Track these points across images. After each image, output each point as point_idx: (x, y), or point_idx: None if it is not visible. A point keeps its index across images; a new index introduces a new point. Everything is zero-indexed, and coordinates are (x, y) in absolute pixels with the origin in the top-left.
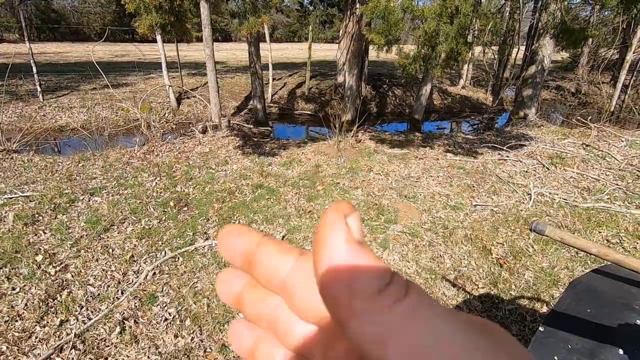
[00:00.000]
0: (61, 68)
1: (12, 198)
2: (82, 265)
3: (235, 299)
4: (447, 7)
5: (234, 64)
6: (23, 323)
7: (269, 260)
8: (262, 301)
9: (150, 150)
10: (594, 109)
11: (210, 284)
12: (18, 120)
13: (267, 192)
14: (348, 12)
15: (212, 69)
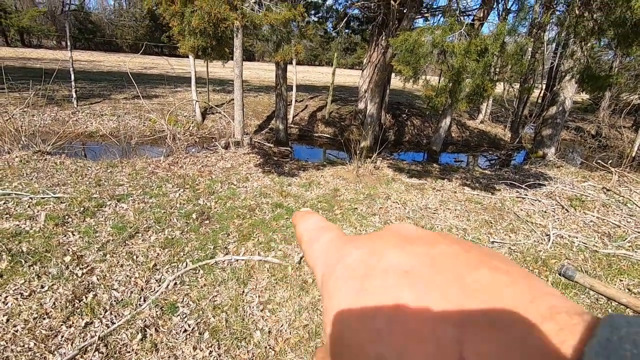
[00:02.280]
0: (94, 76)
1: (45, 198)
2: (108, 270)
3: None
4: (476, 45)
5: (257, 84)
6: (50, 321)
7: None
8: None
9: (174, 161)
10: (614, 153)
11: (229, 299)
12: (52, 123)
13: (287, 212)
14: (373, 43)
15: (240, 88)
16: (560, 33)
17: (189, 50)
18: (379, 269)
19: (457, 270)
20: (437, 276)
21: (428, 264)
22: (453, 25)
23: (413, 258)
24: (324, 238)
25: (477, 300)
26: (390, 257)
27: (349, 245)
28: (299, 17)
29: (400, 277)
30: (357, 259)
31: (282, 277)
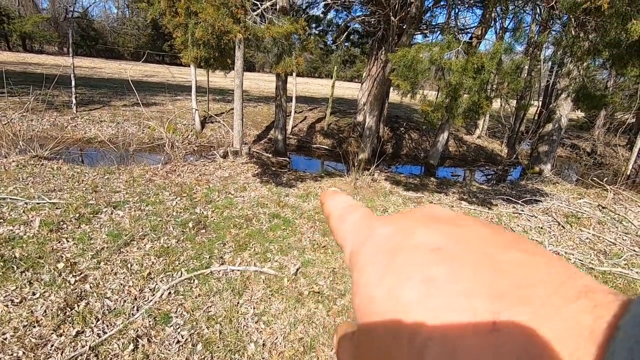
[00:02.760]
0: (94, 83)
1: (40, 204)
2: (101, 278)
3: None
4: (473, 62)
5: (257, 94)
6: (40, 330)
7: (324, 207)
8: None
9: (172, 169)
10: (609, 171)
11: (224, 310)
12: (51, 128)
13: (283, 223)
14: (373, 57)
15: (240, 98)
16: (556, 52)
17: (192, 60)
18: (409, 245)
19: (488, 249)
20: (468, 254)
21: (458, 242)
22: (451, 43)
23: (443, 236)
24: (353, 215)
25: (510, 278)
26: (420, 235)
27: (379, 223)
28: (301, 31)
29: (431, 254)
30: (387, 235)
31: (278, 289)
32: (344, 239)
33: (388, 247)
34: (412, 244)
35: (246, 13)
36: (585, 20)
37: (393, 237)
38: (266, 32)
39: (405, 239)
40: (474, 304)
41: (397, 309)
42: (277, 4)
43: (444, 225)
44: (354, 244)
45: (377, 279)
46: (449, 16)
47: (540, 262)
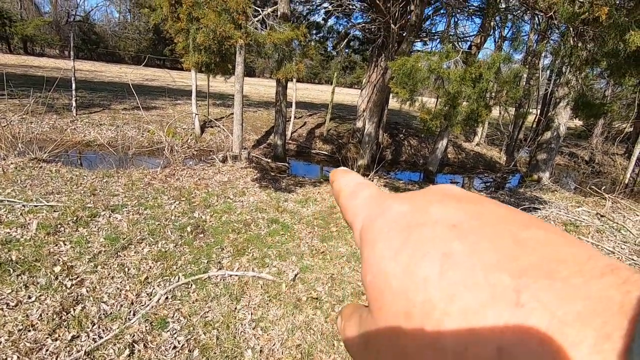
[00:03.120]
0: (95, 86)
1: (38, 206)
2: (98, 282)
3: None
4: (471, 72)
5: (257, 99)
6: (35, 334)
7: (335, 184)
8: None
9: (171, 173)
10: (607, 179)
11: (221, 315)
12: (50, 131)
13: (282, 228)
14: (372, 64)
15: (240, 103)
16: (554, 61)
17: (193, 65)
18: (425, 221)
19: (507, 226)
20: (487, 230)
21: (476, 219)
22: (449, 52)
23: (460, 213)
24: (364, 192)
25: (531, 254)
26: (437, 211)
27: (392, 200)
28: (302, 37)
29: (449, 230)
30: (402, 212)
31: (276, 295)
32: (354, 215)
33: (403, 223)
34: (428, 220)
35: (247, 19)
36: (584, 30)
37: (408, 214)
38: (267, 38)
39: (421, 216)
40: (495, 279)
41: (413, 285)
42: (278, 11)
43: (460, 203)
44: (365, 221)
45: (392, 255)
46: (448, 25)
47: (561, 240)
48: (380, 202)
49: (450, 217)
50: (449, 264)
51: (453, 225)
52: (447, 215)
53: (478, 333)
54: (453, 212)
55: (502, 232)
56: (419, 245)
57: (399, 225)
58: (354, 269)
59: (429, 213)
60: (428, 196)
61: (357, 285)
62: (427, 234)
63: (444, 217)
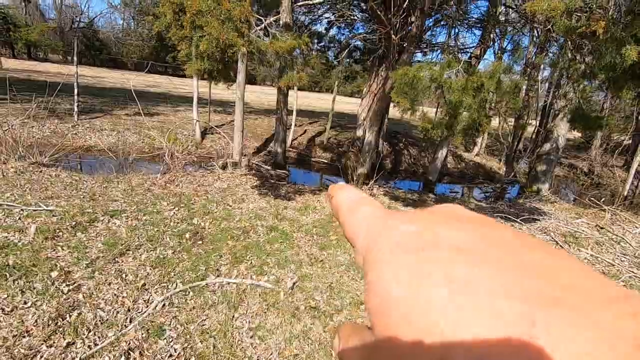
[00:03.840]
0: (97, 92)
1: (37, 211)
2: (95, 287)
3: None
4: (473, 82)
5: (257, 106)
6: (30, 340)
7: (334, 200)
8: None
9: (171, 179)
10: (606, 191)
11: (219, 323)
12: (51, 135)
13: (281, 236)
14: (373, 73)
15: (241, 110)
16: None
17: (195, 72)
18: (432, 243)
19: (514, 249)
20: (494, 254)
21: (482, 242)
22: (451, 62)
23: (467, 236)
24: (366, 209)
25: (540, 279)
26: (444, 234)
27: (396, 219)
28: (304, 46)
29: (456, 253)
30: (408, 232)
31: (274, 303)
32: (354, 233)
33: (409, 244)
34: (435, 242)
35: (250, 27)
36: (582, 43)
37: (414, 235)
38: (270, 46)
39: (427, 237)
40: (505, 305)
41: (420, 309)
42: (281, 20)
43: (467, 225)
44: (367, 240)
45: (398, 278)
46: (449, 36)
47: (568, 265)
48: (384, 220)
49: (458, 240)
50: (457, 289)
51: (461, 248)
52: (455, 237)
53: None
54: (461, 234)
55: (509, 256)
56: (426, 268)
57: (405, 247)
58: (353, 278)
59: (436, 235)
60: (434, 216)
61: (356, 295)
62: (435, 256)
63: (452, 240)
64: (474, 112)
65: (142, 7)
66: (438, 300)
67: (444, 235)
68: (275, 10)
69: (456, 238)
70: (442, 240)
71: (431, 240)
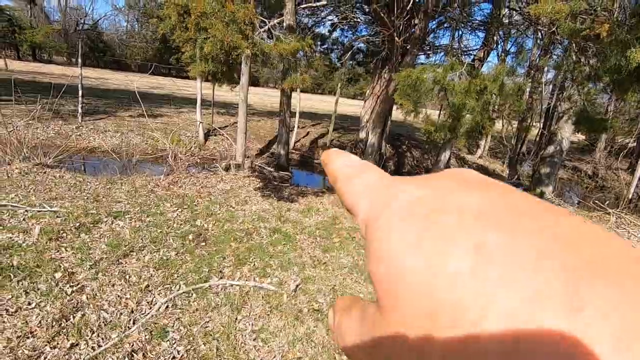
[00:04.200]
0: (101, 93)
1: (41, 212)
2: (98, 289)
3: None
4: (476, 84)
5: (260, 108)
6: (34, 341)
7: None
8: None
9: (174, 181)
10: (611, 194)
11: (222, 325)
12: (55, 137)
13: (284, 238)
14: (376, 76)
15: (244, 112)
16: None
17: (199, 74)
18: (450, 208)
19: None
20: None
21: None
22: (454, 64)
23: (486, 201)
24: (367, 175)
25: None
26: (458, 197)
27: (402, 183)
28: (307, 48)
29: (476, 218)
30: (417, 196)
31: (277, 305)
32: (355, 202)
33: (422, 210)
34: (452, 207)
35: (254, 30)
36: (586, 45)
37: (424, 199)
38: (273, 48)
39: (443, 202)
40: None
41: (439, 281)
42: (285, 22)
43: (481, 188)
44: (371, 207)
45: (411, 246)
46: (452, 38)
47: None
48: (389, 185)
49: (476, 205)
50: (483, 258)
51: (481, 214)
52: (473, 203)
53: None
54: (480, 199)
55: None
56: (444, 235)
57: (418, 212)
58: (356, 281)
59: (451, 199)
60: (445, 181)
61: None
62: (452, 222)
63: (469, 205)
64: (477, 114)
65: (147, 10)
66: (460, 271)
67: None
68: (278, 13)
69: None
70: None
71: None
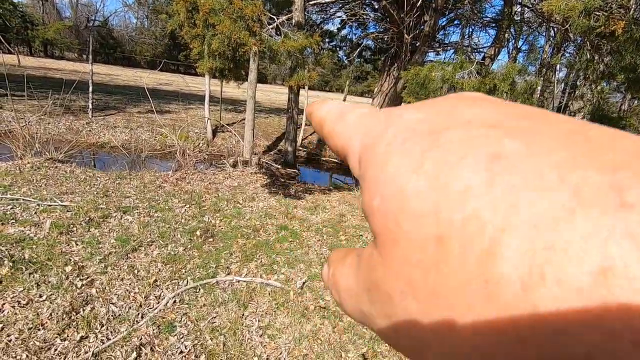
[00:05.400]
0: (111, 89)
1: (52, 206)
2: (108, 283)
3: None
4: (486, 83)
5: (268, 105)
6: (45, 333)
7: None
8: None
9: (182, 177)
10: None
11: (229, 321)
12: (66, 132)
13: (291, 235)
14: (385, 73)
15: (252, 109)
16: (569, 74)
17: (207, 70)
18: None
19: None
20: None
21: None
22: (464, 63)
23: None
24: (359, 109)
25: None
26: (465, 111)
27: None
28: (315, 45)
29: (488, 129)
30: (419, 118)
31: (284, 302)
32: (348, 138)
33: (424, 129)
34: (458, 121)
35: (262, 26)
36: (600, 43)
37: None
38: (281, 45)
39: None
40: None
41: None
42: (293, 19)
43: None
44: (365, 140)
45: (413, 166)
46: (462, 35)
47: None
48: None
49: (487, 117)
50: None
51: (493, 125)
52: (483, 115)
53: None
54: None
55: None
56: (451, 148)
57: (420, 132)
58: None
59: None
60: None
61: None
62: (460, 136)
63: (478, 117)
64: None
65: (156, 6)
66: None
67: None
68: (287, 9)
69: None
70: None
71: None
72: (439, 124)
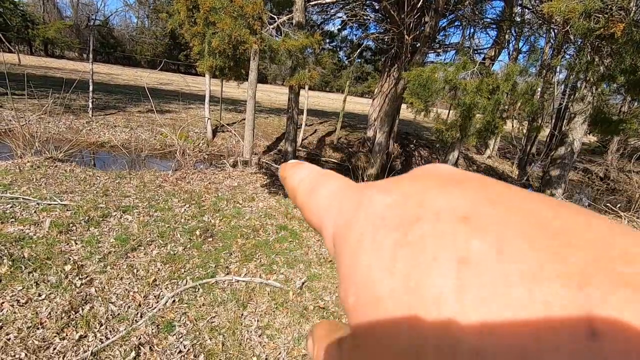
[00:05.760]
0: (111, 88)
1: (51, 205)
2: (107, 282)
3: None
4: (488, 84)
5: (268, 105)
6: (44, 332)
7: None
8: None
9: (182, 176)
10: (622, 197)
11: (228, 321)
12: (66, 131)
13: (291, 235)
14: (385, 74)
15: (252, 109)
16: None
17: (207, 69)
18: (425, 214)
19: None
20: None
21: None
22: (466, 63)
23: (467, 200)
24: (330, 185)
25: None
26: (435, 200)
27: (371, 190)
28: (316, 45)
29: (459, 223)
30: (388, 204)
31: (283, 302)
32: (320, 217)
33: (394, 219)
34: (428, 211)
35: (263, 25)
36: (600, 45)
37: (396, 207)
38: (282, 44)
39: (417, 207)
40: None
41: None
42: (294, 19)
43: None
44: (337, 221)
45: (384, 264)
46: (463, 36)
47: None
48: (356, 193)
49: (456, 206)
50: (470, 274)
51: (463, 217)
52: (452, 203)
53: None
54: (458, 198)
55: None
56: (422, 248)
57: (389, 223)
58: None
59: (426, 202)
60: (419, 181)
61: None
62: (429, 230)
63: (448, 207)
64: (488, 114)
65: (157, 5)
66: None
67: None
68: (288, 10)
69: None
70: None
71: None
72: (408, 214)
